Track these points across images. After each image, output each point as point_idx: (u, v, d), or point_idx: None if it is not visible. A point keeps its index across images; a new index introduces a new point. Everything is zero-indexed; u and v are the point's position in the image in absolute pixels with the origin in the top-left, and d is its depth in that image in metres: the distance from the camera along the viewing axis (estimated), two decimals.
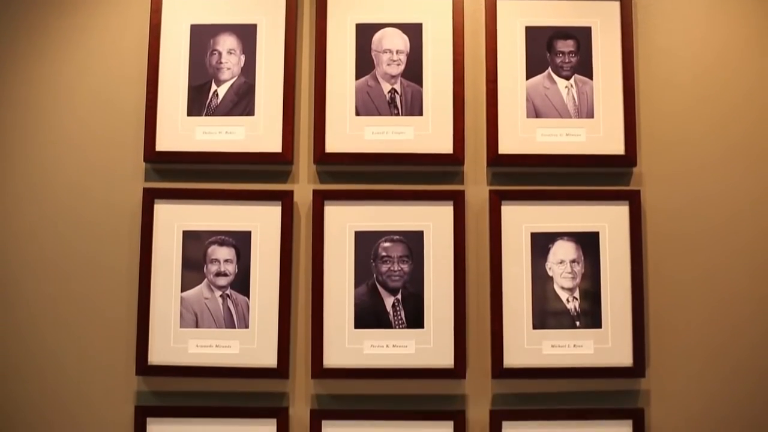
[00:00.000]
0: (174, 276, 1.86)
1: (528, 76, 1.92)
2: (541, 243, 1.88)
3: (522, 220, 1.88)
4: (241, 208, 1.88)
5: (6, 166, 1.92)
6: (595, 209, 1.89)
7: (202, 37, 1.93)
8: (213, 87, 1.92)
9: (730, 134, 1.93)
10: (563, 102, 1.92)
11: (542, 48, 1.93)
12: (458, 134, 1.89)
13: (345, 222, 1.88)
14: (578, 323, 1.86)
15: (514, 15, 1.93)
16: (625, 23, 1.93)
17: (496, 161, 1.89)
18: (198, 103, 1.91)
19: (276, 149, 1.89)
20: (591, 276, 1.87)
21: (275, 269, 1.85)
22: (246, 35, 1.93)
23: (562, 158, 1.89)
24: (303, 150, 1.92)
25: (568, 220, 1.88)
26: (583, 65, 1.93)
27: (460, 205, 1.87)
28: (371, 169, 1.91)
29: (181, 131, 1.90)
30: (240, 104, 1.91)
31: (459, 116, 1.89)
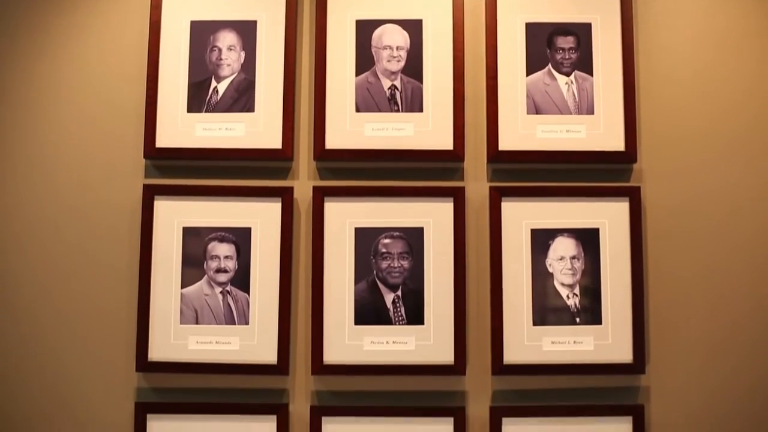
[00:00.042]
0: (174, 272, 1.86)
1: (528, 73, 1.92)
2: (541, 239, 1.88)
3: (522, 217, 1.88)
4: (241, 205, 1.88)
5: (6, 164, 1.92)
6: (596, 205, 1.89)
7: (202, 34, 1.93)
8: (213, 83, 1.92)
9: (731, 130, 1.93)
10: (563, 98, 1.91)
11: (542, 44, 1.93)
12: (458, 131, 1.88)
13: (345, 218, 1.88)
14: (578, 320, 1.85)
15: (515, 11, 1.93)
16: (626, 19, 1.93)
17: (496, 158, 1.89)
18: (198, 100, 1.91)
19: (276, 146, 1.89)
20: (591, 272, 1.87)
21: (275, 266, 1.85)
22: (246, 32, 1.93)
23: (563, 155, 1.89)
24: (303, 146, 1.92)
25: (569, 217, 1.88)
26: (584, 61, 1.93)
27: (460, 202, 1.87)
28: (371, 166, 1.91)
29: (181, 128, 1.90)
30: (240, 101, 1.91)
31: (459, 113, 1.89)
